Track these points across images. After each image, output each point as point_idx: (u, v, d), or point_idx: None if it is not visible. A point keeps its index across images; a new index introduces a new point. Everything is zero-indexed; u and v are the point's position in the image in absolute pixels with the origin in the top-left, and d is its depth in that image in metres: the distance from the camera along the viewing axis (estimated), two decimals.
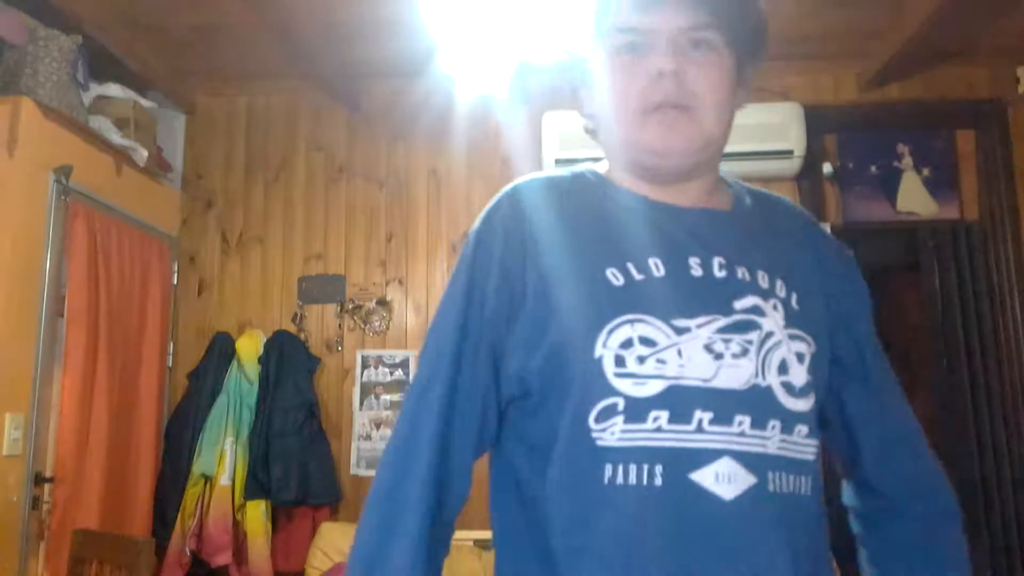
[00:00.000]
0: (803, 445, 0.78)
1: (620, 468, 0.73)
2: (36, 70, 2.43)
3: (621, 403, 0.73)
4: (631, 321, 0.75)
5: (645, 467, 0.73)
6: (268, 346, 3.00)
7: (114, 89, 2.84)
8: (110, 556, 2.03)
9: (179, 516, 2.76)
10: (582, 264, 0.79)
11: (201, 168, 3.31)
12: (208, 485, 2.79)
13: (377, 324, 3.11)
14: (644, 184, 0.86)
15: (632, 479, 0.73)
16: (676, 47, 0.79)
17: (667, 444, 0.73)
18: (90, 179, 2.62)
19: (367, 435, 3.02)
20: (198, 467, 2.79)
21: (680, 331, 0.75)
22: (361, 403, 3.05)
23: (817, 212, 3.07)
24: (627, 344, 0.74)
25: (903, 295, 4.39)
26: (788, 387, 0.77)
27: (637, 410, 0.73)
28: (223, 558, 2.70)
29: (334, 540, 2.69)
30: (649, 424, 0.73)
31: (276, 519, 2.83)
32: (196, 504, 2.77)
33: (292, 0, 2.52)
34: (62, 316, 2.46)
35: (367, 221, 3.21)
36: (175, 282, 3.17)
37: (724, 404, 0.74)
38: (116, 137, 2.76)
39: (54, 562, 2.31)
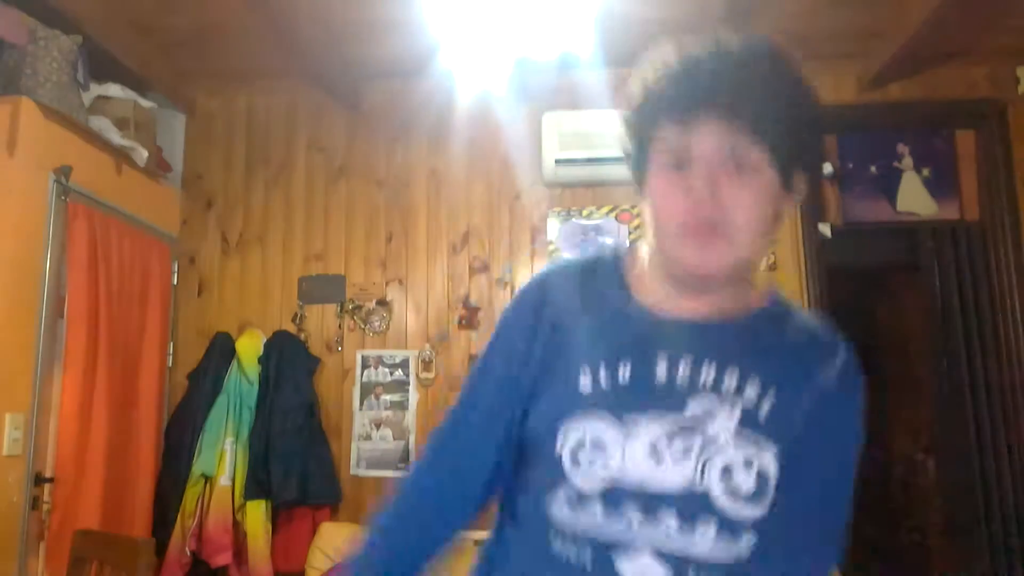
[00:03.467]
0: (745, 550, 0.81)
1: (562, 541, 0.84)
2: (36, 70, 2.43)
3: (571, 492, 0.83)
4: (584, 420, 0.83)
5: (578, 548, 0.83)
6: (268, 346, 3.00)
7: (114, 89, 2.84)
8: (110, 556, 2.02)
9: (179, 516, 2.76)
10: (568, 357, 0.88)
11: (201, 168, 3.31)
12: (208, 485, 2.79)
13: (377, 324, 3.11)
14: (671, 287, 0.89)
15: (571, 556, 0.83)
16: (713, 168, 0.81)
17: (599, 535, 0.82)
18: (90, 179, 2.62)
19: (367, 435, 3.02)
20: (198, 467, 2.79)
21: (629, 432, 0.82)
22: (361, 403, 3.05)
23: (817, 212, 3.08)
24: (580, 444, 0.83)
25: (903, 295, 4.39)
26: (733, 493, 0.80)
27: (581, 500, 0.83)
28: (223, 558, 2.70)
29: (334, 540, 2.70)
30: (587, 515, 0.82)
31: (276, 519, 2.83)
32: (196, 504, 2.77)
33: (292, 0, 2.52)
34: (62, 316, 2.46)
35: (367, 221, 3.21)
36: (175, 282, 3.17)
37: (654, 506, 0.80)
38: (116, 137, 2.76)
39: (54, 562, 2.31)
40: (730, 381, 0.83)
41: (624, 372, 0.85)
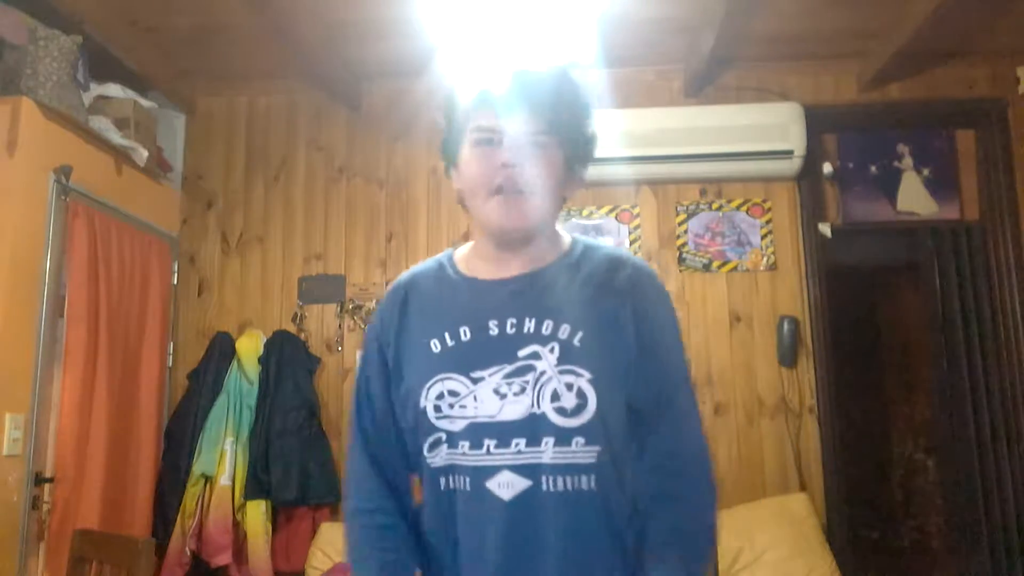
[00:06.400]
0: (580, 452, 1.03)
1: (447, 479, 1.07)
2: (36, 70, 2.43)
3: (444, 436, 1.07)
4: (441, 379, 1.07)
5: (460, 478, 1.06)
6: (268, 346, 3.00)
7: (114, 89, 2.84)
8: (110, 556, 2.02)
9: (179, 516, 2.76)
10: (418, 337, 1.13)
11: (201, 168, 3.31)
12: (208, 485, 2.79)
13: None
14: (492, 247, 1.15)
15: (455, 485, 1.06)
16: (518, 145, 1.08)
17: (469, 463, 1.05)
18: (90, 179, 2.62)
19: None
20: (198, 467, 2.79)
21: (476, 380, 1.06)
22: None
23: (817, 212, 3.08)
24: (440, 396, 1.07)
25: (903, 295, 4.39)
26: (561, 411, 1.04)
27: (453, 441, 1.06)
28: (223, 558, 2.70)
29: (334, 540, 2.69)
30: (459, 450, 1.06)
31: (276, 519, 2.83)
32: (196, 504, 2.77)
33: (292, 0, 2.52)
34: (62, 316, 2.46)
35: (367, 221, 3.21)
36: (175, 282, 3.17)
37: (504, 432, 1.04)
38: (116, 137, 2.76)
39: (54, 562, 2.31)
40: (546, 329, 1.07)
41: (464, 335, 1.09)
